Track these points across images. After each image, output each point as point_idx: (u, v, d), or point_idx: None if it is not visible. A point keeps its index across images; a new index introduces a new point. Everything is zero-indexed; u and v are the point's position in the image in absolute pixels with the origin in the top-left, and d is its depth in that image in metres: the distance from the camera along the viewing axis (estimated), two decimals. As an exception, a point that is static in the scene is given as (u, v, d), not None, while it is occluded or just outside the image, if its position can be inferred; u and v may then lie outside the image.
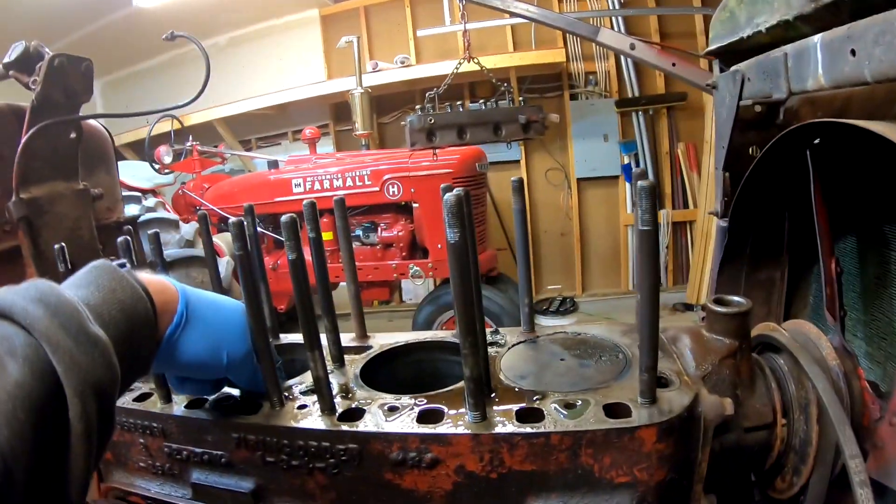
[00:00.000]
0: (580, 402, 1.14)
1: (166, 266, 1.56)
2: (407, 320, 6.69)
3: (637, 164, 7.92)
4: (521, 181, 1.43)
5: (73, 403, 0.78)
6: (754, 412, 1.29)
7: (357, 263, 5.75)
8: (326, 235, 5.84)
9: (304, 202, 1.38)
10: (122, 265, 1.09)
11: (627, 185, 8.07)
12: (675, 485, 1.12)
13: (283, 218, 1.18)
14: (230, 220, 1.24)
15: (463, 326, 1.07)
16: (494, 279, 5.94)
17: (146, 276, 1.09)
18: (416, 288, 7.19)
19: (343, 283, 6.13)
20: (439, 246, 5.47)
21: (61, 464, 0.77)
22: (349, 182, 5.78)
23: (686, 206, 7.97)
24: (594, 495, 1.10)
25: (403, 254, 5.86)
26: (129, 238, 1.54)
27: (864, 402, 1.31)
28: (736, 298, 1.32)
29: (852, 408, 1.30)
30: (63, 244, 1.48)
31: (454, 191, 1.02)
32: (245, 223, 1.28)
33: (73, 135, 2.55)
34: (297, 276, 1.21)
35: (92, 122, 2.98)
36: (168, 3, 7.56)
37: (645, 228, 1.01)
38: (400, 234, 5.84)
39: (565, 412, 1.12)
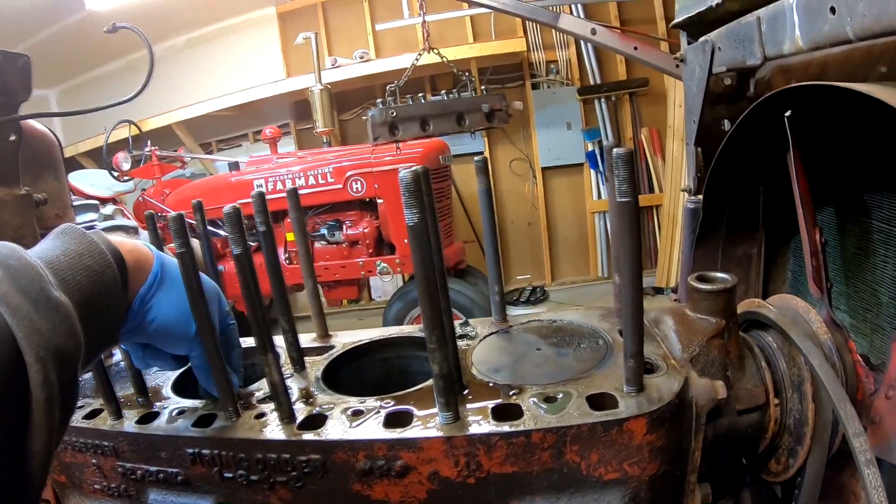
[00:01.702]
0: (561, 395, 1.05)
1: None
2: (378, 318, 6.63)
3: (601, 151, 7.90)
4: (485, 160, 1.35)
5: (34, 370, 0.74)
6: (746, 394, 1.23)
7: (323, 263, 5.74)
8: (290, 236, 5.75)
9: (252, 193, 1.28)
10: (90, 227, 1.04)
11: (592, 172, 8.08)
12: (668, 477, 1.05)
13: (226, 208, 1.08)
14: (169, 215, 1.14)
15: (428, 318, 0.98)
16: (463, 272, 5.89)
17: (119, 239, 1.05)
18: (384, 285, 7.12)
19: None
20: (406, 241, 5.35)
21: (21, 436, 0.74)
22: (311, 180, 5.69)
23: (651, 190, 7.98)
24: (582, 495, 1.02)
25: (370, 251, 5.78)
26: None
27: (857, 376, 1.28)
28: (720, 275, 1.26)
29: (846, 383, 1.26)
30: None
31: (410, 167, 0.92)
32: (192, 220, 1.18)
33: (12, 137, 2.42)
34: (243, 272, 1.11)
35: (38, 125, 2.84)
36: (121, 5, 7.41)
37: (624, 200, 0.92)
38: (365, 230, 5.75)
39: (545, 407, 1.03)
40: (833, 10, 1.21)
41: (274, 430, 1.13)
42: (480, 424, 1.01)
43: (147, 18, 7.55)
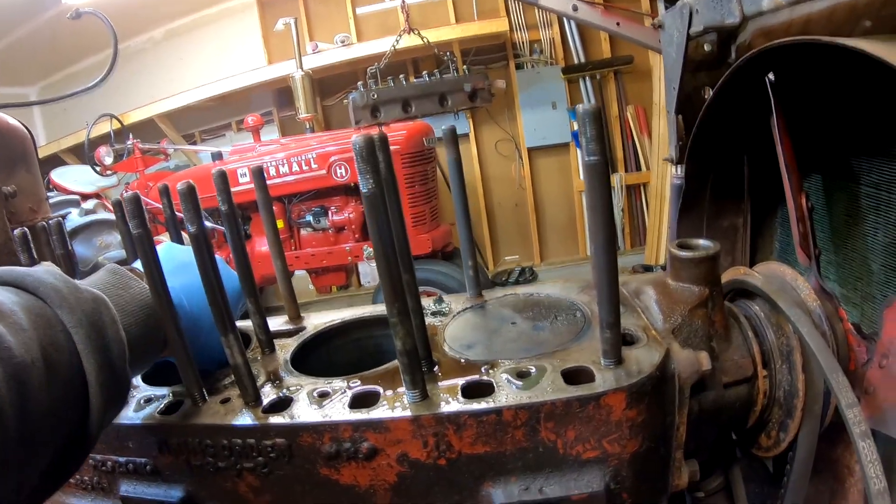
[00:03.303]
0: (535, 370, 1.00)
1: (71, 258, 1.39)
2: (367, 304, 6.58)
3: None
4: (452, 130, 1.29)
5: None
6: (733, 365, 1.19)
7: (310, 249, 5.68)
8: (281, 224, 5.70)
9: (213, 170, 1.23)
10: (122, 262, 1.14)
11: (579, 151, 8.02)
12: (651, 455, 1.00)
13: (179, 185, 1.03)
14: (123, 195, 1.08)
15: (388, 292, 0.92)
16: (450, 255, 5.85)
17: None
18: (373, 270, 7.07)
19: (300, 272, 6.01)
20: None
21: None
22: (295, 167, 5.64)
23: (638, 168, 7.95)
24: (560, 475, 0.97)
25: (356, 236, 5.74)
26: (25, 229, 1.38)
27: (848, 346, 1.24)
28: (702, 241, 1.21)
29: (837, 353, 1.23)
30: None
31: (365, 134, 0.87)
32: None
33: (-23, 130, 2.36)
34: (200, 251, 1.06)
35: (9, 119, 2.79)
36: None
37: (592, 159, 0.86)
38: (351, 216, 5.70)
39: (519, 382, 0.98)
40: (813, -41, 1.17)
41: (239, 414, 1.08)
42: (449, 402, 0.96)
43: (126, 11, 7.46)
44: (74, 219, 5.09)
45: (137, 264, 1.16)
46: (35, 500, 0.87)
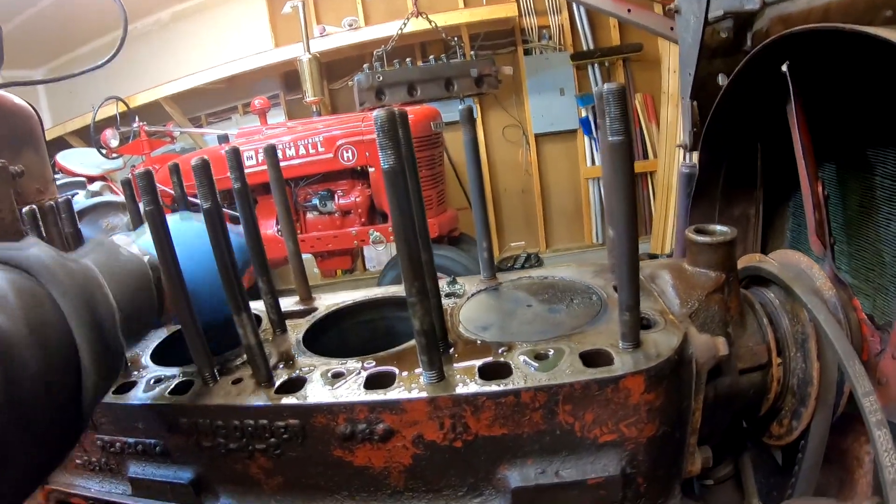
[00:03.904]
0: (552, 352, 0.99)
1: (80, 237, 1.38)
2: (372, 288, 6.59)
3: (595, 118, 7.84)
4: (469, 109, 1.28)
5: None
6: (748, 352, 1.18)
7: (316, 233, 5.67)
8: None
9: (227, 148, 1.22)
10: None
11: (586, 138, 8.02)
12: (667, 439, 0.99)
13: (194, 161, 1.02)
14: (135, 171, 1.07)
15: (407, 270, 0.91)
16: (457, 240, 5.84)
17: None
18: (378, 254, 7.08)
19: (306, 255, 5.99)
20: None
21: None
22: (302, 150, 5.62)
23: (646, 156, 7.91)
24: (576, 458, 0.96)
25: (363, 220, 5.72)
26: (34, 207, 1.38)
27: (862, 336, 1.23)
28: (719, 227, 1.20)
29: (851, 342, 1.20)
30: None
31: (387, 108, 0.86)
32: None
33: (-14, 109, 2.36)
34: (213, 227, 1.04)
35: (15, 99, 2.78)
36: (106, -20, 7.30)
37: (616, 139, 0.85)
38: (357, 199, 5.69)
39: (536, 364, 0.97)
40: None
41: (251, 394, 1.07)
42: (467, 384, 0.96)
43: (133, -8, 7.45)
44: (80, 201, 5.09)
45: (120, 237, 1.19)
46: (33, 477, 0.87)
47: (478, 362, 1.01)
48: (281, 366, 1.15)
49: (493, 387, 0.93)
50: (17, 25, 7.67)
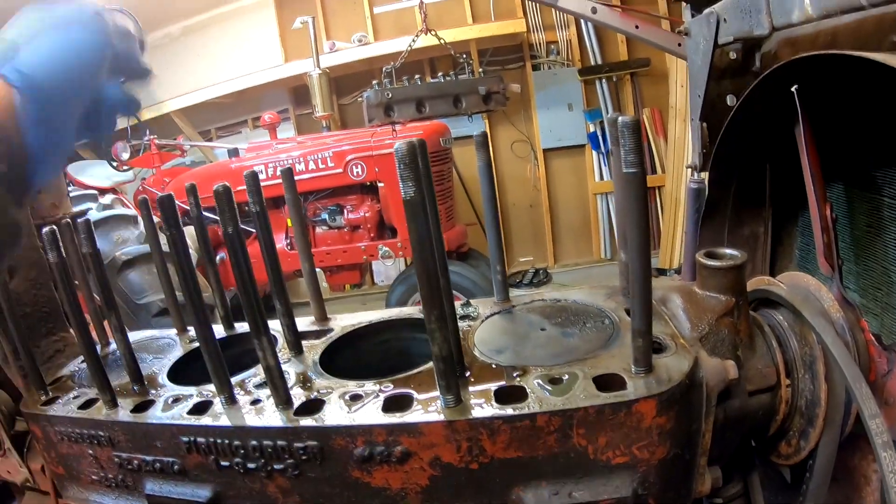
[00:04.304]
0: (567, 376, 1.01)
1: (99, 258, 1.41)
2: (381, 303, 6.62)
3: (603, 132, 7.87)
4: (484, 135, 1.31)
5: None
6: (757, 374, 1.20)
7: (325, 248, 5.71)
8: (291, 221, 5.72)
9: (245, 173, 1.24)
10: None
11: (594, 153, 8.04)
12: (677, 461, 1.01)
13: (216, 186, 1.05)
14: (157, 196, 1.10)
15: (427, 298, 0.94)
16: (465, 255, 5.88)
17: None
18: (387, 269, 7.12)
19: (318, 269, 6.03)
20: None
21: None
22: (311, 165, 5.67)
23: (654, 171, 7.94)
24: (590, 480, 0.98)
25: (372, 235, 5.76)
26: (54, 228, 1.40)
27: (869, 356, 1.25)
28: (728, 251, 1.22)
29: (858, 363, 1.23)
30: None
31: (408, 140, 0.88)
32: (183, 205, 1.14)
33: (4, 125, 2.38)
34: (234, 252, 1.07)
35: (31, 114, 2.81)
36: (118, -7, 7.35)
37: (631, 171, 0.88)
38: (367, 214, 5.73)
39: (550, 388, 0.99)
40: (845, -26, 1.18)
41: (270, 416, 1.09)
42: (483, 408, 0.98)
43: (142, 7, 7.48)
44: (92, 214, 5.13)
45: None
46: None
47: (493, 386, 1.03)
48: (299, 387, 1.17)
49: (509, 411, 0.95)
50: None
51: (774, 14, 1.49)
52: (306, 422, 1.05)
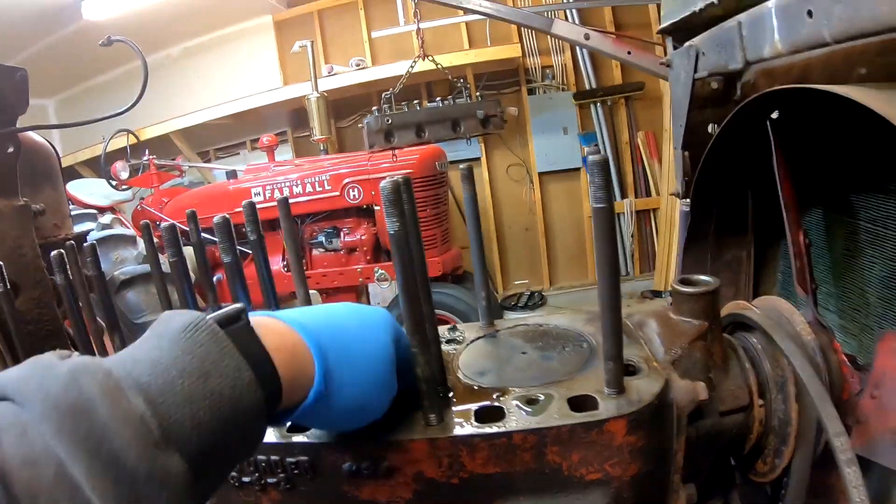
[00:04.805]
0: (542, 397, 1.06)
1: (103, 279, 1.46)
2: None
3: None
4: (470, 168, 1.36)
5: None
6: (729, 395, 1.24)
7: (321, 269, 5.74)
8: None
9: (244, 203, 1.30)
10: (235, 317, 0.77)
11: (589, 177, 8.06)
12: (650, 478, 1.06)
13: (215, 219, 1.11)
14: (161, 225, 1.16)
15: (410, 323, 1.00)
16: (461, 278, 5.92)
17: (270, 336, 0.80)
18: (383, 292, 7.13)
19: (311, 292, 6.11)
20: (403, 247, 5.42)
21: None
22: (309, 188, 5.72)
23: (648, 194, 8.00)
24: (565, 495, 1.03)
25: (368, 257, 5.80)
26: (62, 252, 1.46)
27: (842, 376, 1.28)
28: (703, 277, 1.27)
29: (831, 383, 1.27)
30: (0, 262, 1.39)
31: (391, 178, 0.95)
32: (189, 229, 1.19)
33: (10, 149, 2.44)
34: (233, 280, 1.13)
35: (35, 137, 2.88)
36: (118, 15, 7.43)
37: (599, 206, 0.94)
38: (363, 237, 5.77)
39: (528, 409, 1.04)
40: (810, 13, 1.24)
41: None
42: (463, 426, 1.03)
43: (143, 28, 7.59)
44: (92, 233, 5.17)
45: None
46: None
47: (474, 406, 1.08)
48: (292, 406, 1.22)
49: (487, 429, 1.01)
50: (28, 56, 7.79)
51: (747, 49, 1.55)
52: (298, 438, 1.09)
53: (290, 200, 4.51)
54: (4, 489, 0.51)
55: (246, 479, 1.14)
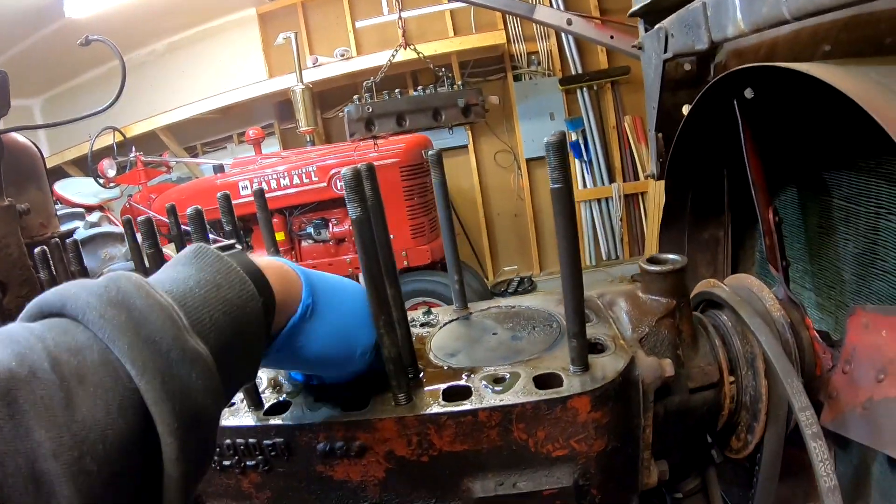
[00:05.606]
0: (509, 376, 1.09)
1: (86, 274, 1.47)
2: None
3: (585, 141, 7.92)
4: (439, 154, 1.38)
5: (168, 444, 0.63)
6: (699, 372, 1.26)
7: (311, 261, 5.73)
8: (278, 235, 5.76)
9: (218, 194, 1.32)
10: (230, 247, 0.90)
11: (577, 161, 8.07)
12: (618, 454, 1.08)
13: (188, 210, 1.13)
14: (138, 219, 1.18)
15: (375, 305, 1.02)
16: (448, 265, 5.91)
17: (261, 260, 0.91)
18: (373, 282, 7.12)
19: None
20: (392, 236, 5.41)
21: None
22: (296, 180, 5.72)
23: (636, 178, 7.99)
24: (533, 471, 1.05)
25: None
26: (45, 249, 1.47)
27: (814, 353, 1.30)
28: (671, 256, 1.28)
29: (802, 359, 1.29)
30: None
31: (352, 166, 0.96)
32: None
33: (-6, 150, 2.46)
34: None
35: (19, 138, 2.89)
36: (101, 13, 7.39)
37: (556, 186, 0.96)
38: (351, 227, 5.76)
39: (494, 387, 1.06)
40: (770, -9, 1.25)
41: (243, 416, 1.16)
42: (431, 405, 1.05)
43: (127, 25, 7.56)
44: (80, 232, 5.17)
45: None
46: None
47: (443, 386, 1.10)
48: (269, 390, 1.24)
49: (454, 407, 1.03)
50: (12, 56, 7.76)
51: (712, 29, 1.56)
52: (274, 421, 1.12)
53: (278, 193, 4.54)
54: (55, 372, 0.59)
55: (227, 463, 1.16)
